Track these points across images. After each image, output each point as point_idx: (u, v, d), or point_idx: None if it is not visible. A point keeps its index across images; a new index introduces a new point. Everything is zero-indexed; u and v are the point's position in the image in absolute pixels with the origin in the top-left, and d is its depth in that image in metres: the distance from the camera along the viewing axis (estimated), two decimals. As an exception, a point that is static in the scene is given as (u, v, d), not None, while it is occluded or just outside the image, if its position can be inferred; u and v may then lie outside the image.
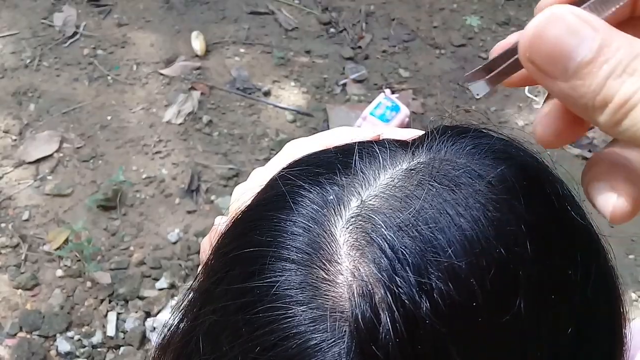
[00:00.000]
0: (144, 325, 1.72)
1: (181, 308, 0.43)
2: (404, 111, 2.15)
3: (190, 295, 0.42)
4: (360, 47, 2.44)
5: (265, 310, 0.34)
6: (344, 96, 2.29)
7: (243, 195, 0.43)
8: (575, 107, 0.27)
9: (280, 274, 0.35)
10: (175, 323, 0.43)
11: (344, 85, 2.31)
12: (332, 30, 2.49)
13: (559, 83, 0.27)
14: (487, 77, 0.32)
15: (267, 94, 2.26)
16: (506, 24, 2.57)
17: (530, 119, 2.28)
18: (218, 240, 0.42)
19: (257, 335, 0.34)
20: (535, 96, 2.34)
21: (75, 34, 2.36)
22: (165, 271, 1.82)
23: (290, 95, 2.27)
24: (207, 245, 0.48)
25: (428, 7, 2.60)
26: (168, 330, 0.44)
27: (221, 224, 0.44)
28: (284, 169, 0.41)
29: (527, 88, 2.36)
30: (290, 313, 0.34)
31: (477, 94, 0.32)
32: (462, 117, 0.43)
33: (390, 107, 2.17)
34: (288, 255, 0.35)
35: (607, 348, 0.38)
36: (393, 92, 2.24)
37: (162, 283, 1.80)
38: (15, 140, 2.07)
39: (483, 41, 2.50)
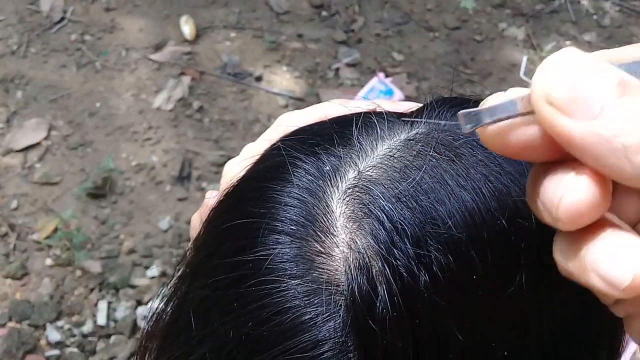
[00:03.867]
0: (135, 314, 1.70)
1: (170, 286, 0.41)
2: (398, 95, 2.12)
3: (180, 272, 0.41)
4: (353, 30, 2.41)
5: (257, 284, 0.33)
6: (337, 80, 2.25)
7: (234, 168, 0.41)
8: (605, 152, 0.22)
9: (273, 246, 0.34)
10: (164, 303, 0.42)
11: (337, 69, 2.28)
12: (324, 13, 2.45)
13: (584, 123, 0.22)
14: (483, 122, 0.27)
15: (258, 79, 2.23)
16: (501, 6, 2.54)
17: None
18: (209, 214, 0.40)
19: (250, 310, 0.33)
20: (531, 79, 2.30)
21: (62, 19, 2.31)
22: (157, 259, 1.80)
23: (282, 80, 2.24)
24: (197, 222, 0.47)
25: (422, -10, 2.56)
26: (157, 313, 0.42)
27: (212, 198, 0.43)
28: (278, 140, 0.39)
29: (522, 70, 2.32)
30: (284, 287, 0.33)
31: (467, 126, 0.28)
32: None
33: (383, 91, 2.14)
34: (282, 227, 0.34)
35: (610, 325, 0.37)
36: (387, 76, 2.21)
37: (153, 271, 1.77)
38: (2, 128, 2.04)
39: (478, 24, 2.47)
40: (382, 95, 2.13)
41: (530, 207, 0.26)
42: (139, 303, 1.72)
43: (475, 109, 0.27)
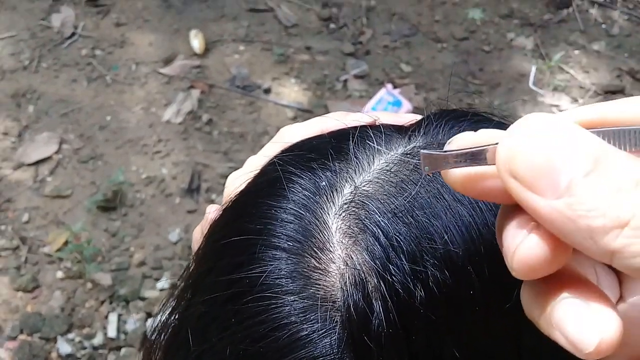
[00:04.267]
0: (145, 326, 1.70)
1: (174, 297, 0.42)
2: (406, 106, 2.13)
3: (182, 285, 0.41)
4: (361, 42, 2.42)
5: (254, 300, 0.33)
6: (345, 92, 2.26)
7: (235, 181, 0.42)
8: (570, 231, 0.21)
9: (270, 262, 0.34)
10: (167, 315, 0.42)
11: (345, 81, 2.29)
12: (332, 26, 2.47)
13: (549, 201, 0.22)
14: (445, 163, 0.26)
15: (267, 91, 2.24)
16: (509, 16, 2.54)
17: (535, 112, 2.24)
18: (209, 228, 0.41)
19: (246, 326, 0.33)
20: (540, 88, 2.31)
21: (73, 34, 2.34)
22: (167, 271, 1.80)
23: (290, 92, 2.25)
24: (198, 235, 0.47)
25: (429, 1, 2.57)
26: (160, 325, 0.42)
27: (212, 212, 0.43)
28: (276, 155, 0.40)
29: (531, 80, 2.33)
30: (280, 303, 0.33)
31: (426, 168, 0.26)
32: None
33: (392, 102, 2.14)
34: (278, 243, 0.34)
35: None
36: (395, 87, 2.21)
37: (163, 283, 1.78)
38: (14, 142, 2.06)
39: (486, 34, 2.47)
40: (390, 106, 2.13)
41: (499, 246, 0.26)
42: (149, 315, 1.73)
43: (438, 152, 0.26)
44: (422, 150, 0.27)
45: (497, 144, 0.24)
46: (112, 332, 1.69)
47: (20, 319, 1.70)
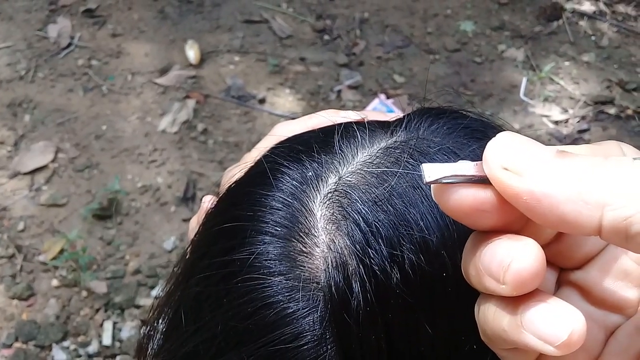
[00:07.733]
0: (140, 333, 1.71)
1: (171, 284, 0.44)
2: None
3: (179, 269, 0.44)
4: (354, 53, 2.45)
5: (244, 280, 0.36)
6: (339, 102, 2.29)
7: (230, 173, 0.45)
8: (564, 199, 0.24)
9: (259, 246, 0.36)
10: (165, 297, 0.45)
11: (339, 91, 2.32)
12: (326, 37, 2.50)
13: (541, 175, 0.24)
14: (450, 178, 0.27)
15: (262, 101, 2.27)
16: (500, 28, 2.58)
17: (526, 122, 2.28)
18: (205, 216, 0.43)
19: (237, 304, 0.36)
20: (531, 99, 2.34)
21: (69, 45, 2.36)
22: (162, 279, 1.81)
23: (285, 103, 2.27)
24: (194, 224, 0.50)
25: (422, 13, 2.60)
26: (159, 305, 0.45)
27: (208, 201, 0.46)
28: (268, 149, 0.42)
29: (522, 91, 2.36)
30: (268, 283, 0.35)
31: (429, 176, 0.27)
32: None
33: (385, 112, 2.17)
34: (267, 228, 0.37)
35: None
36: (388, 98, 2.24)
37: (158, 291, 1.79)
38: (10, 151, 2.07)
39: (477, 46, 2.51)
40: (383, 116, 2.16)
41: (463, 271, 0.28)
42: (144, 323, 1.73)
43: (439, 165, 0.28)
44: (424, 164, 0.28)
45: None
46: (107, 340, 1.70)
47: (15, 327, 1.71)
